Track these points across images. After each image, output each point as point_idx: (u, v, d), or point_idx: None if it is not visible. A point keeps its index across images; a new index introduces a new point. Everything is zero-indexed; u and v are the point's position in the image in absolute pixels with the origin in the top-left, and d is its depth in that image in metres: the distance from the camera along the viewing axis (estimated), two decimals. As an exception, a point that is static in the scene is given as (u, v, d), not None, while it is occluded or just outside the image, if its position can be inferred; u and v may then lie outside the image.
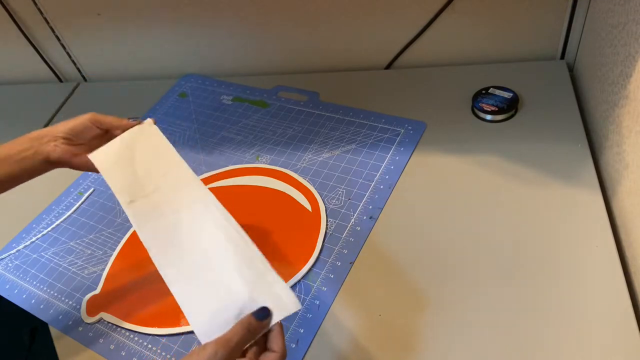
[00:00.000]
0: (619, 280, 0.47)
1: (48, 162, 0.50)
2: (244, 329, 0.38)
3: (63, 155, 0.49)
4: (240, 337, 0.38)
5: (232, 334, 0.37)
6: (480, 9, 0.72)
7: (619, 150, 0.54)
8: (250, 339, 0.38)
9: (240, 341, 0.37)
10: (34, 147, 0.51)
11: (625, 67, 0.52)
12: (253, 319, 0.39)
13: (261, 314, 0.39)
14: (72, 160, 0.50)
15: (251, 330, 0.38)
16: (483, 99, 0.68)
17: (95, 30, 0.90)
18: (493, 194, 0.58)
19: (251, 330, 0.38)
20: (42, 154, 0.50)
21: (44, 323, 0.58)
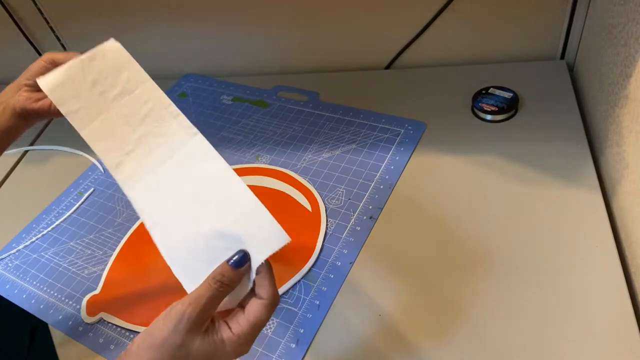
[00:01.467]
0: (619, 280, 0.47)
1: (17, 115, 0.47)
2: (217, 282, 0.34)
3: (25, 103, 0.46)
4: (213, 292, 0.33)
5: (203, 290, 0.33)
6: (480, 9, 0.72)
7: (619, 150, 0.54)
8: (226, 292, 0.34)
9: (213, 296, 0.33)
10: (2, 104, 0.48)
11: (625, 67, 0.52)
12: (227, 267, 0.34)
13: (237, 260, 0.34)
14: (35, 106, 0.46)
15: (226, 282, 0.34)
16: (483, 99, 0.68)
17: (95, 30, 0.90)
18: (493, 194, 0.58)
19: (226, 282, 0.34)
20: (9, 107, 0.47)
21: (44, 323, 0.58)
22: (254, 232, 0.36)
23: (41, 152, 0.84)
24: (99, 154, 0.42)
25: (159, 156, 0.42)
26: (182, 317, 0.32)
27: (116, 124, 0.42)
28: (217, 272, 0.34)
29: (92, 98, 0.42)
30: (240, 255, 0.35)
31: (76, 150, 0.81)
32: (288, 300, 0.53)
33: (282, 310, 0.52)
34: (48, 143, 0.85)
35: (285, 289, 0.54)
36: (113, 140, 0.42)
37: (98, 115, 0.42)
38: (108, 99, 0.42)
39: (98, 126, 0.43)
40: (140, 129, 0.42)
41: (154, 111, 0.44)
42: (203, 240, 0.37)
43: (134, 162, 0.41)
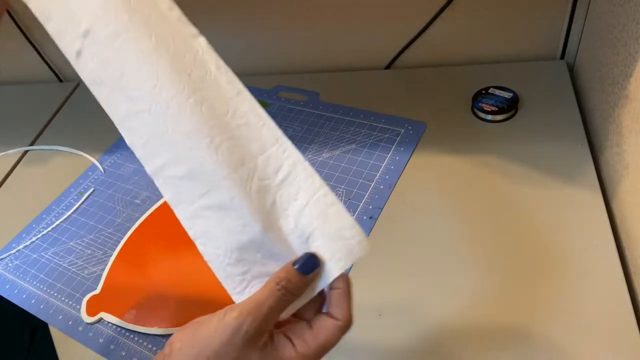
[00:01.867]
0: (619, 280, 0.47)
1: None
2: (281, 288, 0.28)
3: None
4: (276, 301, 0.28)
5: (265, 296, 0.28)
6: (480, 9, 0.72)
7: (619, 150, 0.54)
8: (290, 302, 0.29)
9: (275, 306, 0.28)
10: None
11: (625, 67, 0.52)
12: (293, 271, 0.29)
13: (306, 265, 0.29)
14: None
15: (291, 290, 0.29)
16: (483, 99, 0.68)
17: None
18: (493, 194, 0.58)
19: (291, 290, 0.29)
20: None
21: (44, 323, 0.58)
22: (328, 232, 0.30)
23: (41, 152, 0.84)
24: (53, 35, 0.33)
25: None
26: (240, 328, 0.27)
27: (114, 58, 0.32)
28: (281, 276, 0.29)
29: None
30: (310, 260, 0.29)
31: (76, 150, 0.81)
32: (288, 300, 0.53)
33: (282, 310, 0.52)
34: (48, 143, 0.85)
35: (285, 289, 0.54)
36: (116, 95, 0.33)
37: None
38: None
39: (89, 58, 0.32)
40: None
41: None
42: (258, 232, 0.30)
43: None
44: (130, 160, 0.76)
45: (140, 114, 0.32)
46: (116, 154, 0.78)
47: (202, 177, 0.31)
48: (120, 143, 0.80)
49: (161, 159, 0.32)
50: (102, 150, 0.79)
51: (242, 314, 0.28)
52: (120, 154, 0.78)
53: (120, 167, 0.76)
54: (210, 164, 0.31)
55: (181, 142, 0.31)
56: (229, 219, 0.31)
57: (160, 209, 0.67)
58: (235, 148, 0.31)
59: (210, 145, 0.31)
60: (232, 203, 0.31)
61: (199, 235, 0.32)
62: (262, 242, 0.31)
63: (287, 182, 0.31)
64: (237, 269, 0.31)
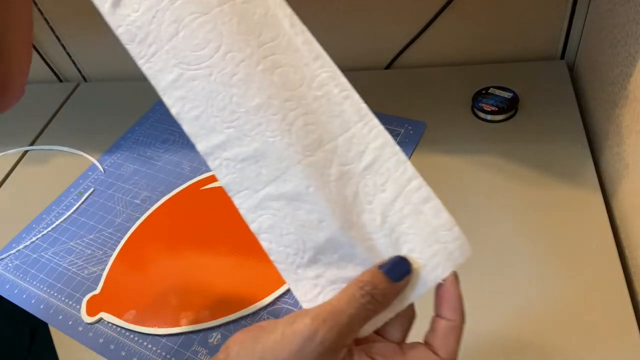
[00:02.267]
0: (619, 280, 0.47)
1: None
2: (365, 294, 0.23)
3: None
4: (359, 309, 0.23)
5: (344, 303, 0.23)
6: (480, 9, 0.72)
7: (619, 150, 0.54)
8: (376, 312, 0.24)
9: (358, 315, 0.23)
10: None
11: (625, 67, 0.52)
12: (381, 276, 0.24)
13: (396, 270, 0.24)
14: None
15: (378, 298, 0.24)
16: (483, 99, 0.68)
17: (95, 30, 0.90)
18: (493, 194, 0.58)
19: (378, 298, 0.24)
20: None
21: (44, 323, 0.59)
22: (422, 233, 0.26)
23: (41, 152, 0.84)
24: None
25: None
26: (313, 337, 0.23)
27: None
28: (366, 280, 0.24)
29: None
30: (400, 264, 0.24)
31: (76, 150, 0.81)
32: (288, 300, 0.53)
33: (282, 310, 0.52)
34: (48, 143, 0.85)
35: (285, 289, 0.54)
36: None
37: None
38: None
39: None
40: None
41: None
42: (337, 229, 0.26)
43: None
44: (130, 160, 0.76)
45: (198, 80, 0.26)
46: (116, 154, 0.78)
47: (270, 161, 0.26)
48: (120, 143, 0.80)
49: (220, 136, 0.27)
50: (102, 150, 0.79)
51: (317, 321, 0.23)
52: (120, 154, 0.78)
53: (120, 167, 0.76)
54: (282, 144, 0.26)
55: (246, 117, 0.26)
56: (301, 212, 0.26)
57: (160, 209, 0.67)
58: (311, 126, 0.26)
59: (282, 122, 0.26)
60: (307, 193, 0.26)
61: (264, 230, 0.27)
62: (341, 242, 0.26)
63: (373, 169, 0.26)
64: (310, 271, 0.27)
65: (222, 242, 0.60)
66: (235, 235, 0.60)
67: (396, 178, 0.26)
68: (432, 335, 0.25)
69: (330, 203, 0.26)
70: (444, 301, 0.26)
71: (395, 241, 0.26)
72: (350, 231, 0.26)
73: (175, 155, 0.75)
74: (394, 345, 0.26)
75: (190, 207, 0.66)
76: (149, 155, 0.76)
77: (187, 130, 0.28)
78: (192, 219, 0.64)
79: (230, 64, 0.26)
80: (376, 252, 0.26)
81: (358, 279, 0.25)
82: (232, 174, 0.27)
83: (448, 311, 0.25)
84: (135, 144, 0.79)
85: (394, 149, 0.26)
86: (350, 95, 0.27)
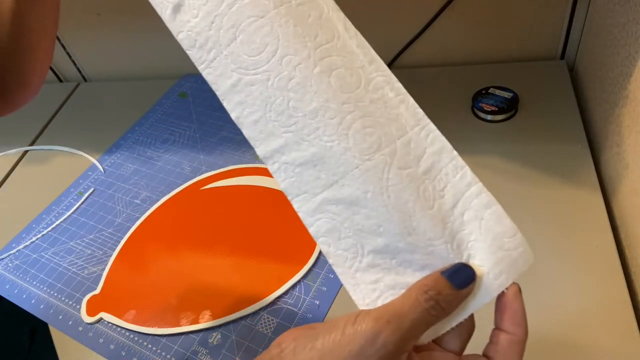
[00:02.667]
0: (619, 280, 0.47)
1: None
2: (430, 299, 0.23)
3: None
4: (422, 314, 0.23)
5: (408, 306, 0.23)
6: (480, 9, 0.72)
7: (619, 150, 0.54)
8: (439, 319, 0.24)
9: (421, 320, 0.23)
10: None
11: (625, 67, 0.52)
12: (445, 283, 0.23)
13: (459, 277, 0.24)
14: None
15: (442, 304, 0.23)
16: (483, 99, 0.68)
17: (95, 30, 0.90)
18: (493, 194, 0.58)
19: (442, 304, 0.23)
20: None
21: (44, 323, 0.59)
22: (485, 240, 0.25)
23: (41, 152, 0.84)
24: None
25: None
26: (375, 339, 0.22)
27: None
28: (430, 284, 0.23)
29: None
30: (464, 271, 0.24)
31: (76, 150, 0.81)
32: (288, 300, 0.53)
33: (282, 310, 0.52)
34: (48, 143, 0.85)
35: (285, 289, 0.54)
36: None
37: None
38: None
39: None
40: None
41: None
42: (396, 234, 0.25)
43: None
44: (130, 160, 0.76)
45: (256, 85, 0.26)
46: (116, 154, 0.78)
47: (328, 165, 0.26)
48: (120, 143, 0.80)
49: (278, 140, 0.27)
50: (102, 150, 0.79)
51: (380, 322, 0.22)
52: (120, 154, 0.78)
53: (120, 167, 0.76)
54: (339, 149, 0.25)
55: (304, 122, 0.26)
56: (360, 216, 0.26)
57: (160, 209, 0.67)
58: (369, 129, 0.25)
59: (340, 127, 0.25)
60: (365, 198, 0.25)
61: (323, 234, 0.27)
62: (400, 247, 0.26)
63: (432, 174, 0.26)
64: (368, 276, 0.26)
65: (222, 242, 0.60)
66: (235, 235, 0.60)
67: (455, 183, 0.26)
68: (493, 348, 0.24)
69: (389, 208, 0.25)
70: (506, 313, 0.25)
71: (457, 248, 0.25)
72: (409, 237, 0.25)
73: (175, 155, 0.75)
74: (452, 355, 0.25)
75: (190, 207, 0.66)
76: (149, 155, 0.76)
77: (247, 134, 0.28)
78: (192, 219, 0.64)
79: (287, 68, 0.26)
80: (437, 259, 0.25)
81: (422, 282, 0.24)
82: (290, 178, 0.27)
83: (510, 324, 0.25)
84: (135, 144, 0.79)
85: (451, 154, 0.26)
86: (405, 100, 0.27)
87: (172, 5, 0.27)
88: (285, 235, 0.59)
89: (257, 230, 0.60)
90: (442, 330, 0.25)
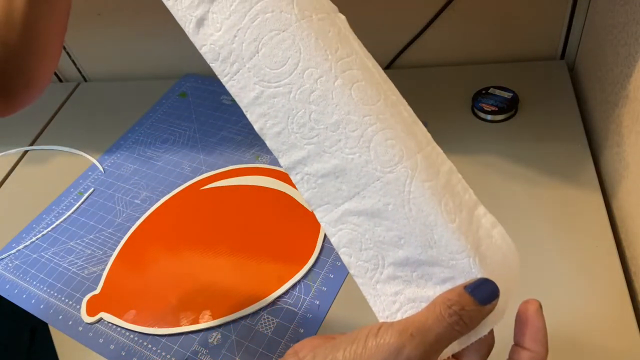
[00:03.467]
0: (619, 280, 0.47)
1: None
2: (453, 314, 0.23)
3: None
4: (446, 329, 0.22)
5: (432, 321, 0.23)
6: (480, 9, 0.72)
7: (619, 150, 0.54)
8: (462, 334, 0.23)
9: (445, 335, 0.23)
10: None
11: (625, 67, 0.52)
12: (468, 298, 0.23)
13: (483, 292, 0.23)
14: None
15: (466, 320, 0.23)
16: (483, 99, 0.68)
17: (95, 30, 0.90)
18: (493, 193, 0.58)
19: (466, 320, 0.23)
20: None
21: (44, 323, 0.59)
22: (497, 257, 0.26)
23: (41, 152, 0.84)
24: None
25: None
26: (399, 352, 0.22)
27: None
28: (453, 299, 0.23)
29: None
30: (488, 286, 0.23)
31: (76, 150, 0.81)
32: (288, 300, 0.53)
33: (282, 310, 0.52)
34: (48, 143, 0.85)
35: (285, 289, 0.54)
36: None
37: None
38: None
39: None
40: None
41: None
42: (417, 247, 0.26)
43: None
44: (130, 160, 0.76)
45: (278, 97, 0.27)
46: (116, 154, 0.78)
47: (350, 177, 0.26)
48: (120, 143, 0.80)
49: (301, 152, 0.27)
50: (102, 150, 0.79)
51: (404, 335, 0.22)
52: (120, 154, 0.78)
53: (120, 167, 0.76)
54: (360, 161, 0.26)
55: (325, 134, 0.26)
56: (381, 228, 0.26)
57: (160, 209, 0.67)
58: (391, 141, 0.26)
59: (361, 139, 0.26)
60: (386, 210, 0.26)
61: (344, 245, 0.28)
62: (421, 260, 0.26)
63: (449, 189, 0.26)
64: (389, 287, 0.27)
65: (222, 242, 0.60)
66: (235, 235, 0.60)
67: (466, 202, 0.26)
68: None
69: (410, 221, 0.25)
70: (526, 331, 0.24)
71: (475, 263, 0.25)
72: (431, 250, 0.25)
73: (175, 155, 0.75)
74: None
75: (190, 207, 0.66)
76: (149, 155, 0.76)
77: (270, 145, 0.28)
78: (192, 219, 0.64)
79: (308, 81, 0.26)
80: (459, 272, 0.25)
81: (445, 297, 0.24)
82: (313, 189, 0.28)
83: (531, 342, 0.24)
84: (135, 144, 0.79)
85: (458, 176, 0.27)
86: (417, 121, 0.27)
87: (196, 20, 0.27)
88: (285, 235, 0.59)
89: (257, 230, 0.60)
90: (463, 345, 0.25)
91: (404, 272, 0.26)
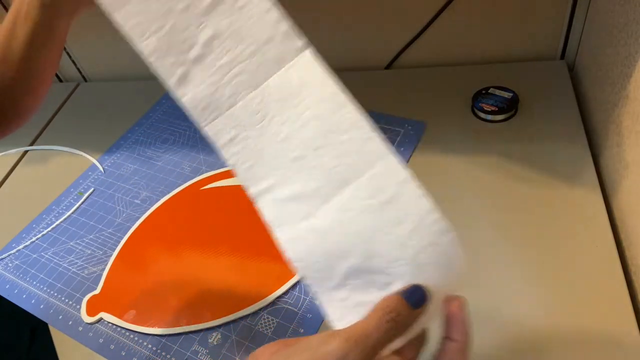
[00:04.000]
0: (619, 280, 0.47)
1: (44, 7, 0.39)
2: (390, 320, 0.26)
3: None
4: (384, 333, 0.25)
5: (372, 327, 0.25)
6: (480, 9, 0.72)
7: (619, 150, 0.54)
8: (396, 337, 0.26)
9: (382, 339, 0.25)
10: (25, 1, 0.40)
11: (625, 67, 0.52)
12: (403, 303, 0.26)
13: (414, 297, 0.27)
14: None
15: (401, 324, 0.26)
16: (483, 99, 0.68)
17: (95, 30, 0.90)
18: (493, 194, 0.58)
19: (401, 324, 0.26)
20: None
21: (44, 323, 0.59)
22: (438, 263, 0.28)
23: (41, 152, 0.84)
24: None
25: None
26: (345, 358, 0.24)
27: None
28: (391, 306, 0.26)
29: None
30: (418, 292, 0.26)
31: (76, 150, 0.81)
32: (288, 300, 0.53)
33: (282, 310, 0.52)
34: (48, 143, 0.85)
35: (285, 289, 0.54)
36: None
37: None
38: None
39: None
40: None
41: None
42: (359, 257, 0.29)
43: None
44: (130, 160, 0.76)
45: (250, 139, 0.31)
46: (116, 154, 0.78)
47: (307, 199, 0.30)
48: (120, 143, 0.80)
49: (267, 182, 0.31)
50: (102, 150, 0.79)
51: (349, 342, 0.24)
52: (120, 154, 0.78)
53: (120, 167, 0.76)
54: (316, 185, 0.30)
55: (288, 166, 0.31)
56: (328, 243, 0.29)
57: (160, 209, 0.67)
58: (341, 167, 0.30)
59: (317, 167, 0.30)
60: (334, 227, 0.29)
61: (300, 258, 0.31)
62: (363, 269, 0.29)
63: (392, 203, 0.29)
64: (339, 294, 0.30)
65: (222, 242, 0.60)
66: (235, 236, 0.60)
67: (415, 212, 0.29)
68: (443, 356, 0.27)
69: (355, 235, 0.29)
70: (453, 324, 0.28)
71: (414, 270, 0.28)
72: (372, 260, 0.28)
73: (175, 155, 0.75)
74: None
75: (190, 207, 0.66)
76: (149, 155, 0.76)
77: (240, 178, 0.32)
78: (192, 219, 0.64)
79: (275, 126, 0.31)
80: (397, 280, 0.28)
81: (382, 304, 0.27)
82: (275, 212, 0.31)
83: (457, 334, 0.27)
84: (135, 144, 0.79)
85: (411, 185, 0.29)
86: (371, 137, 0.30)
87: (178, 77, 0.31)
88: (285, 235, 0.59)
89: (257, 230, 0.60)
90: (403, 341, 0.28)
91: (351, 280, 0.29)
